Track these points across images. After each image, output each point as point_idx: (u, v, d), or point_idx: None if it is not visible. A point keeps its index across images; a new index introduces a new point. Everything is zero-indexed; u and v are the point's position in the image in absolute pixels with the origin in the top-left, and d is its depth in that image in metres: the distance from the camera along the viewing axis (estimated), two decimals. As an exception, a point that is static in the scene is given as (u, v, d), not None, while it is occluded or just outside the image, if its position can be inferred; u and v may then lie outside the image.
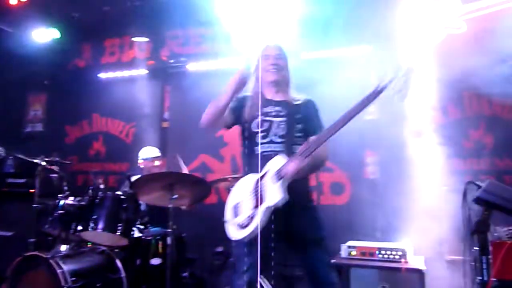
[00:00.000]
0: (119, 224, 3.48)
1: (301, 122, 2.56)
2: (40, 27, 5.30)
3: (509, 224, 2.51)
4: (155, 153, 4.58)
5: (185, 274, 4.03)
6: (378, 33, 4.07)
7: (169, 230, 3.34)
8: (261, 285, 3.48)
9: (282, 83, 2.64)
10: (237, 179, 2.78)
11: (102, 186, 3.69)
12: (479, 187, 2.37)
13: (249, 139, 2.60)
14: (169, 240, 3.35)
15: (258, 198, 2.37)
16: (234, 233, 2.45)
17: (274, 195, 2.31)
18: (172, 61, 5.35)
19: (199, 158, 5.08)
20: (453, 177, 3.66)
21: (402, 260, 3.30)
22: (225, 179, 3.91)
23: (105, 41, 5.78)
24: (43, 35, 5.33)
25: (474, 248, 2.44)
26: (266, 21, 3.77)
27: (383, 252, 3.40)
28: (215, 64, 5.04)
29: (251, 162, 2.51)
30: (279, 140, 2.50)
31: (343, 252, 3.50)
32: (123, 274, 3.50)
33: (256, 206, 2.36)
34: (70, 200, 3.58)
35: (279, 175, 2.33)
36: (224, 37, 4.70)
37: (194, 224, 4.30)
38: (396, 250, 3.37)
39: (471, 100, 4.03)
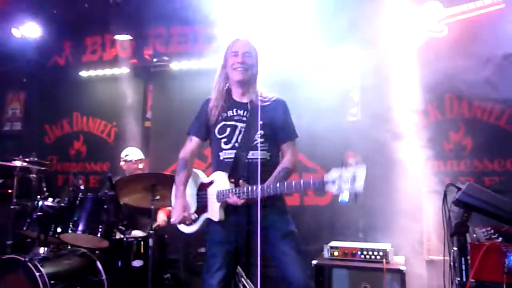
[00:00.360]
0: (100, 226, 3.43)
1: (264, 128, 2.38)
2: (19, 23, 5.18)
3: (487, 225, 2.56)
4: (138, 155, 4.37)
5: (167, 275, 3.99)
6: (362, 34, 4.10)
7: (151, 231, 3.31)
8: (244, 286, 3.47)
9: (249, 83, 2.46)
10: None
11: (82, 187, 3.63)
12: (459, 189, 2.40)
13: (213, 143, 2.51)
14: (150, 241, 3.32)
15: (200, 206, 2.46)
16: (179, 225, 2.53)
17: (214, 213, 2.38)
18: (155, 60, 5.29)
19: (182, 158, 5.02)
20: (434, 178, 3.72)
21: (384, 260, 3.34)
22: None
23: (87, 39, 5.67)
24: (22, 31, 5.21)
25: (454, 249, 2.47)
26: (250, 20, 3.76)
27: (364, 252, 3.44)
28: (198, 63, 5.01)
29: (217, 168, 2.45)
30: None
31: (326, 253, 3.52)
32: (104, 276, 3.46)
33: (198, 213, 2.45)
34: (49, 201, 3.52)
35: (219, 199, 2.36)
36: (208, 36, 4.66)
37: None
38: (378, 250, 3.41)
39: (452, 102, 4.10)
